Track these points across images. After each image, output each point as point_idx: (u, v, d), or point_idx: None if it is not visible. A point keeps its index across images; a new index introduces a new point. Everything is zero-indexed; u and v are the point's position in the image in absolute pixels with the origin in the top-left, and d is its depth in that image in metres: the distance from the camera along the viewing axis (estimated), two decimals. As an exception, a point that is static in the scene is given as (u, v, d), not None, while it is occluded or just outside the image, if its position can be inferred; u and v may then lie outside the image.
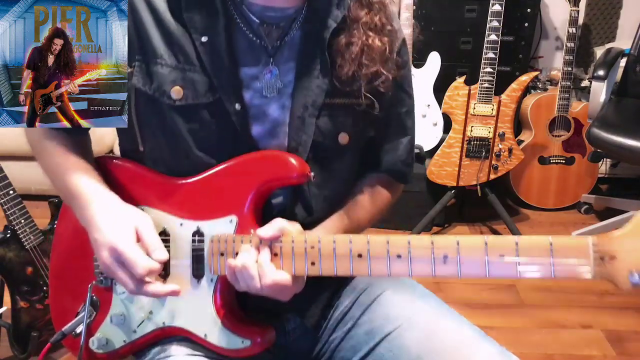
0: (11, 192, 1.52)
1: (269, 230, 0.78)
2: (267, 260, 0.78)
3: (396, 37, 0.92)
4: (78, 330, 0.90)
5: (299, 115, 0.87)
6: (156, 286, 0.81)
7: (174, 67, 0.84)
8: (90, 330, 0.92)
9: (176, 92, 0.84)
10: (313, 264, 0.77)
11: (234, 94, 0.85)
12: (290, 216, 0.84)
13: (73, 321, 0.90)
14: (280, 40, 0.87)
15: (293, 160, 0.83)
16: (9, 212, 1.53)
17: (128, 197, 0.89)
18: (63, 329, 0.89)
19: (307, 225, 0.86)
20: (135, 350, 0.92)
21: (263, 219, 0.84)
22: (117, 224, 0.82)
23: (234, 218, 0.83)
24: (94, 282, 0.90)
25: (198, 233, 0.85)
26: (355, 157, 0.96)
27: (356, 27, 0.86)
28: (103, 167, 0.94)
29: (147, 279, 0.80)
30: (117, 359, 0.93)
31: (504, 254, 0.69)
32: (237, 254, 0.81)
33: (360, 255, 0.75)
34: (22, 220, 1.55)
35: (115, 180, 0.91)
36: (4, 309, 1.63)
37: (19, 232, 1.55)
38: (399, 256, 0.73)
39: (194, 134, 0.85)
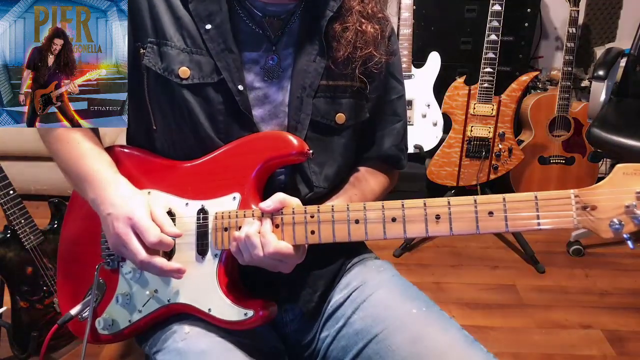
0: (11, 192, 1.53)
1: (270, 203, 0.83)
2: (269, 230, 0.82)
3: (386, 25, 0.99)
4: (85, 313, 0.94)
5: (297, 96, 0.92)
6: (162, 260, 0.85)
7: (182, 49, 0.90)
8: (97, 312, 0.95)
9: (183, 72, 0.90)
10: (313, 232, 0.81)
11: (236, 75, 0.90)
12: (292, 193, 0.87)
13: (80, 304, 0.94)
14: (282, 30, 0.94)
15: (292, 139, 0.87)
16: (9, 212, 1.53)
17: (136, 182, 0.93)
18: (71, 311, 0.94)
19: (310, 202, 0.88)
20: (139, 331, 0.95)
21: (265, 197, 0.86)
22: (132, 199, 0.87)
23: (237, 195, 0.88)
24: (101, 263, 0.94)
25: (202, 211, 0.89)
26: (353, 138, 1.00)
27: (350, 15, 0.94)
28: (112, 155, 0.98)
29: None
30: (121, 339, 0.96)
31: (492, 210, 0.73)
32: (240, 228, 0.84)
33: (357, 221, 0.79)
34: (22, 220, 1.55)
35: (123, 167, 0.96)
36: (4, 309, 1.63)
37: (19, 232, 1.55)
38: (393, 219, 0.78)
39: (200, 111, 0.91)
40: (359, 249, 1.06)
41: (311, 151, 0.88)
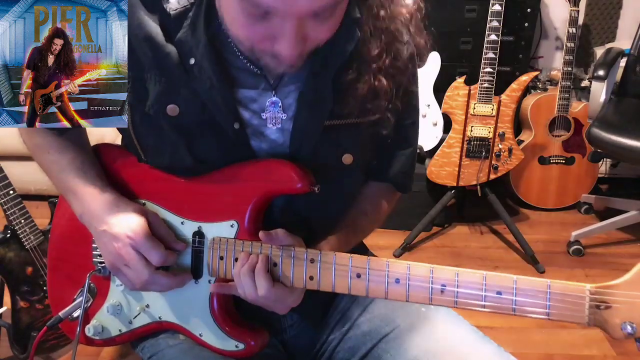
0: (11, 192, 1.52)
1: (270, 237, 0.79)
2: (263, 269, 0.79)
3: (405, 73, 0.88)
4: (75, 314, 0.91)
5: (298, 140, 0.85)
6: (168, 276, 0.83)
7: (168, 85, 0.82)
8: (87, 317, 0.93)
9: (171, 110, 0.83)
10: (311, 278, 0.78)
11: (231, 114, 0.83)
12: (289, 219, 0.85)
13: (70, 306, 0.92)
14: (283, 73, 0.83)
15: (297, 173, 0.82)
16: (9, 212, 1.53)
17: (130, 188, 0.90)
18: (60, 313, 0.91)
19: (306, 232, 0.86)
20: (133, 339, 0.93)
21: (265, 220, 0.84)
22: (128, 215, 0.83)
23: (235, 223, 0.84)
24: (92, 271, 0.91)
25: (199, 234, 0.86)
26: (360, 175, 0.95)
27: (364, 67, 0.82)
28: (107, 155, 0.94)
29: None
30: (113, 345, 0.94)
31: (501, 291, 0.70)
32: (236, 259, 0.82)
33: (359, 275, 0.76)
34: (22, 220, 1.55)
35: (118, 171, 0.92)
36: (4, 309, 1.62)
37: (19, 232, 1.55)
38: (397, 280, 0.74)
39: (193, 146, 0.85)
40: (359, 250, 1.06)
41: (317, 187, 0.82)
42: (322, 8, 0.67)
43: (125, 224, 0.82)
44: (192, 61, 0.80)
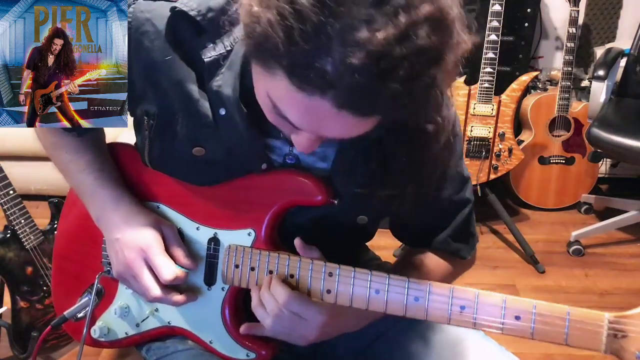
0: (11, 192, 1.52)
1: (304, 246, 0.78)
2: (279, 279, 0.77)
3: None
4: (79, 315, 0.90)
5: None
6: (178, 297, 0.82)
7: (195, 130, 0.80)
8: (93, 318, 0.92)
9: (197, 151, 0.81)
10: (329, 291, 0.77)
11: (258, 159, 0.82)
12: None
13: (75, 306, 0.90)
14: None
15: (318, 183, 0.80)
16: (9, 212, 1.53)
17: (147, 191, 0.89)
18: (65, 313, 0.90)
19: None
20: (140, 342, 0.92)
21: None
22: (145, 228, 0.82)
23: (252, 231, 0.83)
24: (102, 272, 0.90)
25: (214, 240, 0.85)
26: (370, 230, 0.93)
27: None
28: (122, 155, 0.93)
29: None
30: (119, 347, 0.93)
31: (520, 316, 0.70)
32: (252, 268, 0.81)
33: (377, 292, 0.75)
34: (22, 220, 1.55)
35: (133, 171, 0.91)
36: (4, 309, 1.62)
37: (19, 232, 1.55)
38: (416, 299, 0.73)
39: (215, 178, 0.84)
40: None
41: (336, 201, 0.80)
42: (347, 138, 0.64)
43: (140, 236, 0.81)
44: (223, 112, 0.77)
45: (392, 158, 0.77)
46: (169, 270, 0.80)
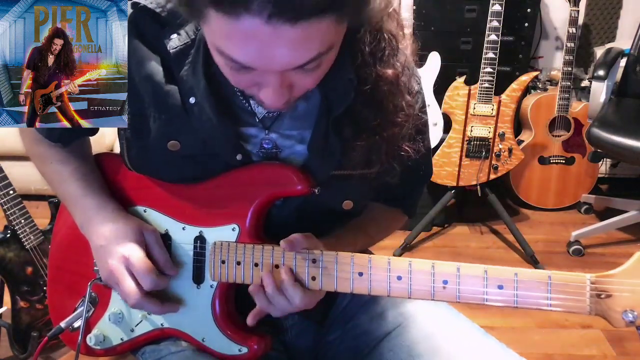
0: (11, 192, 1.53)
1: (292, 243, 0.78)
2: (292, 281, 0.78)
3: (412, 121, 0.83)
4: (76, 325, 0.90)
5: None
6: (156, 304, 0.83)
7: (168, 123, 0.81)
8: (88, 326, 0.92)
9: (172, 145, 0.82)
10: (314, 278, 0.78)
11: (233, 149, 0.82)
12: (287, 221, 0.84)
13: (71, 316, 0.91)
14: (277, 113, 0.82)
15: (297, 175, 0.81)
16: (9, 212, 1.53)
17: (133, 196, 0.90)
18: (61, 324, 0.90)
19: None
20: (134, 348, 0.93)
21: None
22: (127, 234, 0.83)
23: (236, 226, 0.84)
24: (94, 280, 0.91)
25: (200, 239, 0.86)
26: (356, 215, 0.94)
27: (364, 124, 0.79)
28: (106, 164, 0.94)
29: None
30: (116, 354, 0.94)
31: (502, 284, 0.70)
32: (238, 262, 0.82)
33: (361, 274, 0.76)
34: (22, 220, 1.55)
35: (118, 178, 0.92)
36: (4, 309, 1.63)
37: (19, 232, 1.55)
38: (399, 277, 0.74)
39: (194, 174, 0.85)
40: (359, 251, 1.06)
41: (317, 189, 0.81)
42: (302, 64, 0.64)
43: (122, 243, 0.82)
44: (193, 100, 0.79)
45: (363, 121, 0.78)
46: (150, 277, 0.81)
